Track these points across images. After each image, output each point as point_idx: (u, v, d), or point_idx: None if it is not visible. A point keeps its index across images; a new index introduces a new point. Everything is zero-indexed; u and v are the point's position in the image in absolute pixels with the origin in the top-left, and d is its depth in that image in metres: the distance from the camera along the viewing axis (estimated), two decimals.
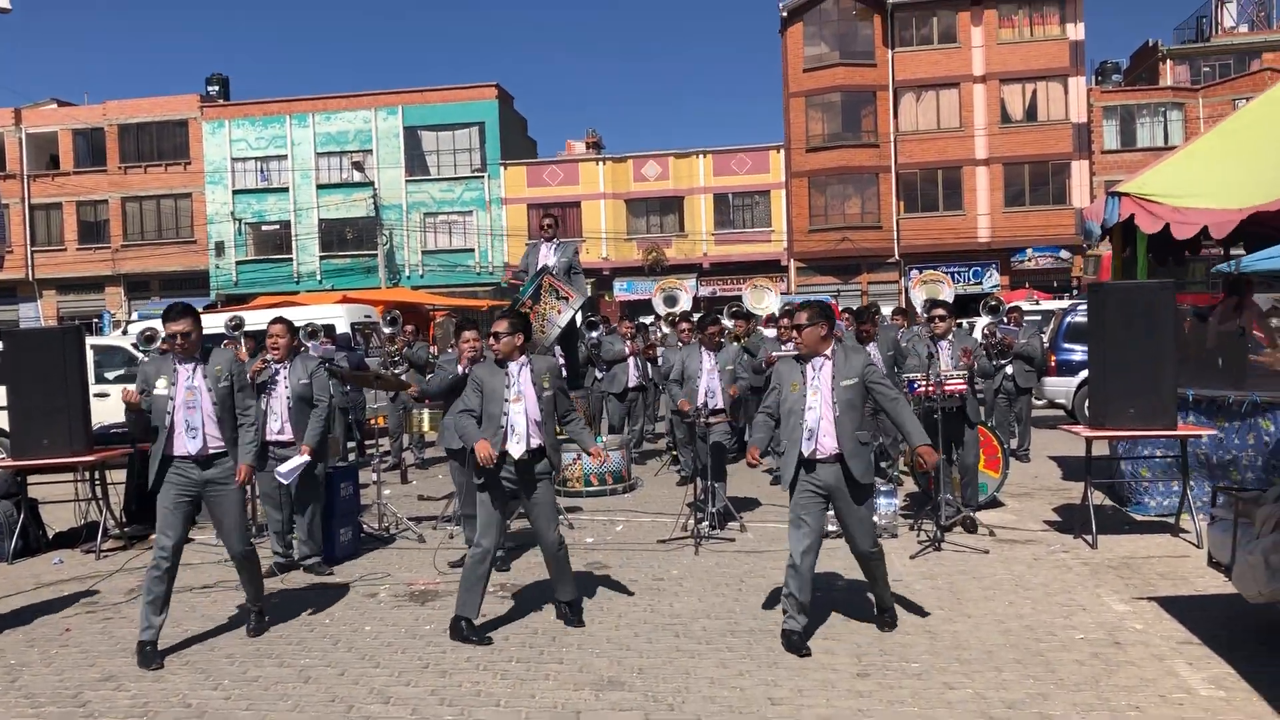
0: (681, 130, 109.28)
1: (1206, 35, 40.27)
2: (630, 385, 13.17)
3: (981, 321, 11.81)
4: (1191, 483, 8.14)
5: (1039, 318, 18.59)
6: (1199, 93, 36.21)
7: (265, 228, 39.98)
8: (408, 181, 38.91)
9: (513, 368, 6.03)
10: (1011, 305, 14.15)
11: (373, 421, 11.35)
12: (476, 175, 38.65)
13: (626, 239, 37.99)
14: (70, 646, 6.05)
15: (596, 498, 10.50)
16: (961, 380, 8.31)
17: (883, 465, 9.08)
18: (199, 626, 6.33)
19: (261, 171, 39.91)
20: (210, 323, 15.26)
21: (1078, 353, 14.81)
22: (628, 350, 13.10)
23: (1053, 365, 15.41)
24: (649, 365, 13.76)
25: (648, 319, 18.20)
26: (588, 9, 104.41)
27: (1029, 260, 35.55)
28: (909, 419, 5.73)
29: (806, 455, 5.64)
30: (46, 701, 5.12)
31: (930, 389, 8.12)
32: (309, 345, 11.55)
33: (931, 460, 5.64)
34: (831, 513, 5.80)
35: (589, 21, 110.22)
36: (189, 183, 39.99)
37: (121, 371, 14.82)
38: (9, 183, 40.14)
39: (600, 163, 38.65)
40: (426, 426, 9.92)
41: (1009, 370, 11.92)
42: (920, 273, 20.61)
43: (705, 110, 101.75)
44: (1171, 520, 8.32)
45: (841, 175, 35.93)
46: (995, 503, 9.35)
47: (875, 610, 5.99)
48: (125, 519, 9.31)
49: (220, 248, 39.68)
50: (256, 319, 17.10)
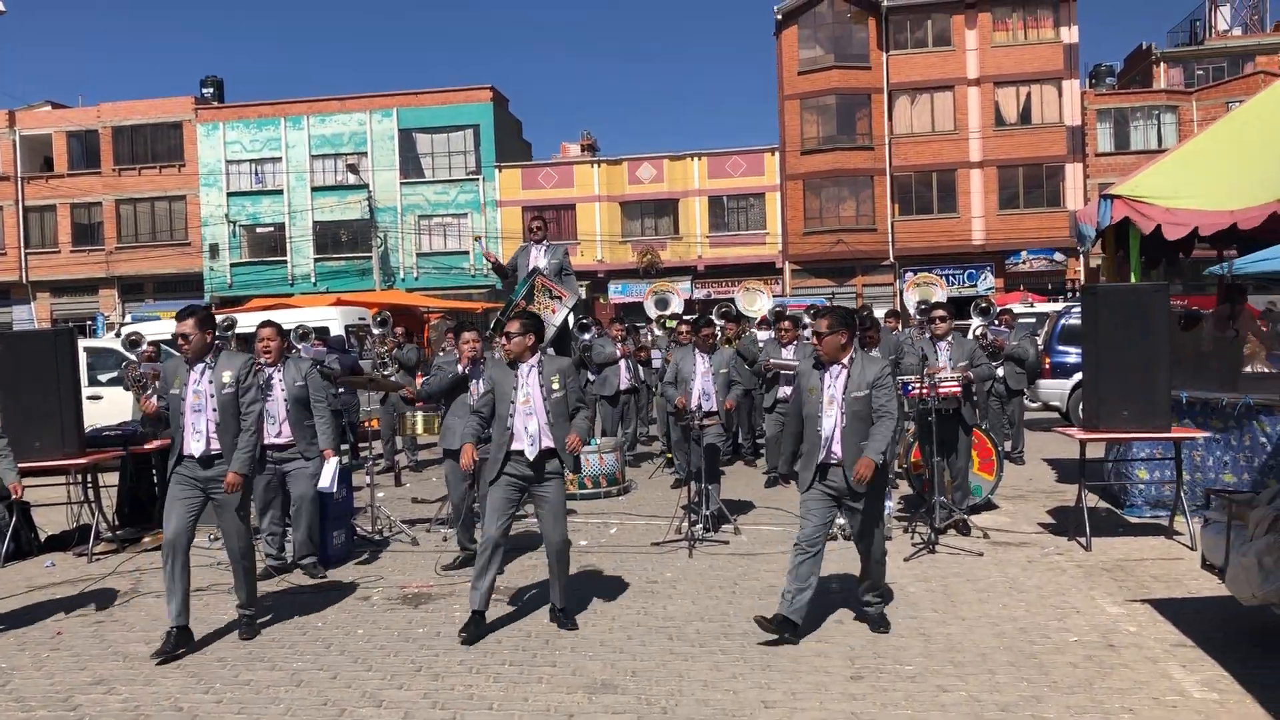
0: (676, 133, 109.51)
1: (1200, 38, 40.39)
2: (621, 388, 13.12)
3: (973, 324, 11.82)
4: (1185, 485, 8.15)
5: (1033, 320, 18.64)
6: (1193, 95, 36.32)
7: (260, 230, 39.92)
8: (402, 184, 38.88)
9: (523, 368, 6.11)
10: (1002, 308, 14.16)
11: (366, 424, 11.31)
12: (471, 178, 38.64)
13: (621, 241, 37.99)
14: (61, 650, 6.02)
15: (590, 500, 10.48)
16: (956, 383, 8.31)
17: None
18: (191, 630, 6.28)
19: (256, 174, 39.85)
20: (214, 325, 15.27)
21: (1072, 355, 14.80)
22: (619, 353, 13.06)
23: (1047, 367, 15.42)
24: (639, 367, 13.70)
25: (640, 325, 18.14)
26: (582, 10, 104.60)
27: (1023, 263, 35.62)
28: (881, 433, 5.67)
29: (821, 461, 5.81)
30: (37, 705, 5.10)
31: (925, 391, 8.12)
32: (300, 347, 11.53)
33: (865, 475, 5.58)
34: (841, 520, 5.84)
35: (584, 23, 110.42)
36: (183, 185, 39.93)
37: (114, 374, 14.76)
38: (2, 185, 40.11)
39: (595, 165, 38.66)
40: (420, 429, 9.89)
41: (1000, 372, 11.93)
42: (914, 275, 20.62)
43: (700, 113, 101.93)
44: (1165, 523, 8.34)
45: (836, 178, 35.98)
46: (989, 505, 9.36)
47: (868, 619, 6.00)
48: (117, 522, 9.29)
49: (214, 250, 39.62)
50: (250, 321, 17.10)
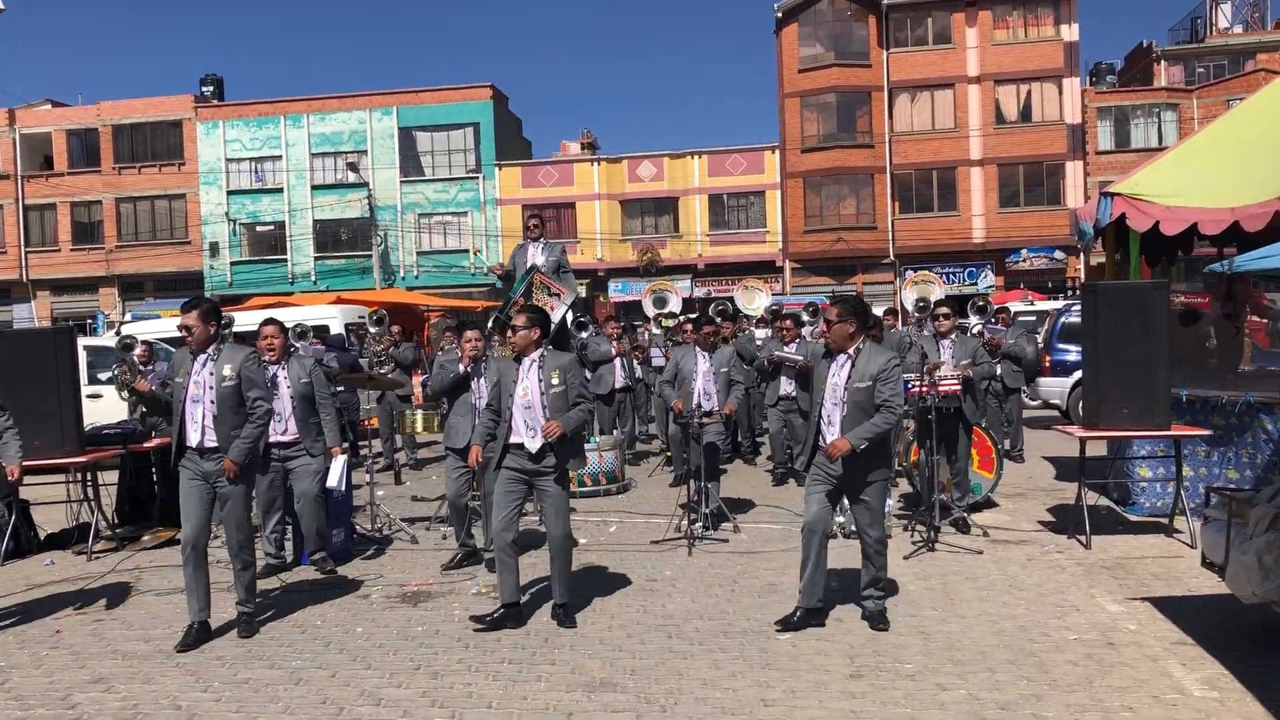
0: (676, 131, 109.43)
1: (1201, 36, 40.35)
2: (617, 386, 13.08)
3: (971, 322, 11.81)
4: (1185, 483, 8.15)
5: (1034, 318, 18.63)
6: (1193, 93, 36.28)
7: (260, 228, 39.90)
8: (402, 182, 38.85)
9: (525, 362, 6.17)
10: (999, 306, 14.16)
11: (366, 422, 11.31)
12: (471, 176, 38.61)
13: (621, 240, 37.96)
14: (60, 648, 6.02)
15: (590, 498, 10.48)
16: (956, 381, 8.30)
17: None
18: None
19: (256, 172, 39.82)
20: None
21: (1072, 353, 14.79)
22: (614, 351, 13.03)
23: (1047, 366, 15.41)
24: (635, 365, 13.64)
25: (638, 323, 18.12)
26: (582, 9, 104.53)
27: (1024, 261, 35.60)
28: (873, 427, 5.69)
29: (816, 445, 5.94)
30: (36, 704, 5.09)
31: (925, 389, 8.11)
32: (298, 345, 11.54)
33: (834, 453, 5.68)
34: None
35: (584, 21, 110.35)
36: (183, 183, 39.90)
37: (114, 372, 14.76)
38: (3, 184, 40.09)
39: (595, 163, 38.62)
40: (419, 427, 9.88)
41: (997, 370, 11.92)
42: (913, 273, 20.60)
43: (700, 111, 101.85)
44: (1165, 521, 8.33)
45: (836, 176, 35.95)
46: (989, 503, 9.35)
47: (864, 614, 6.01)
48: (117, 520, 9.29)
49: (215, 248, 39.61)
50: (250, 320, 17.09)
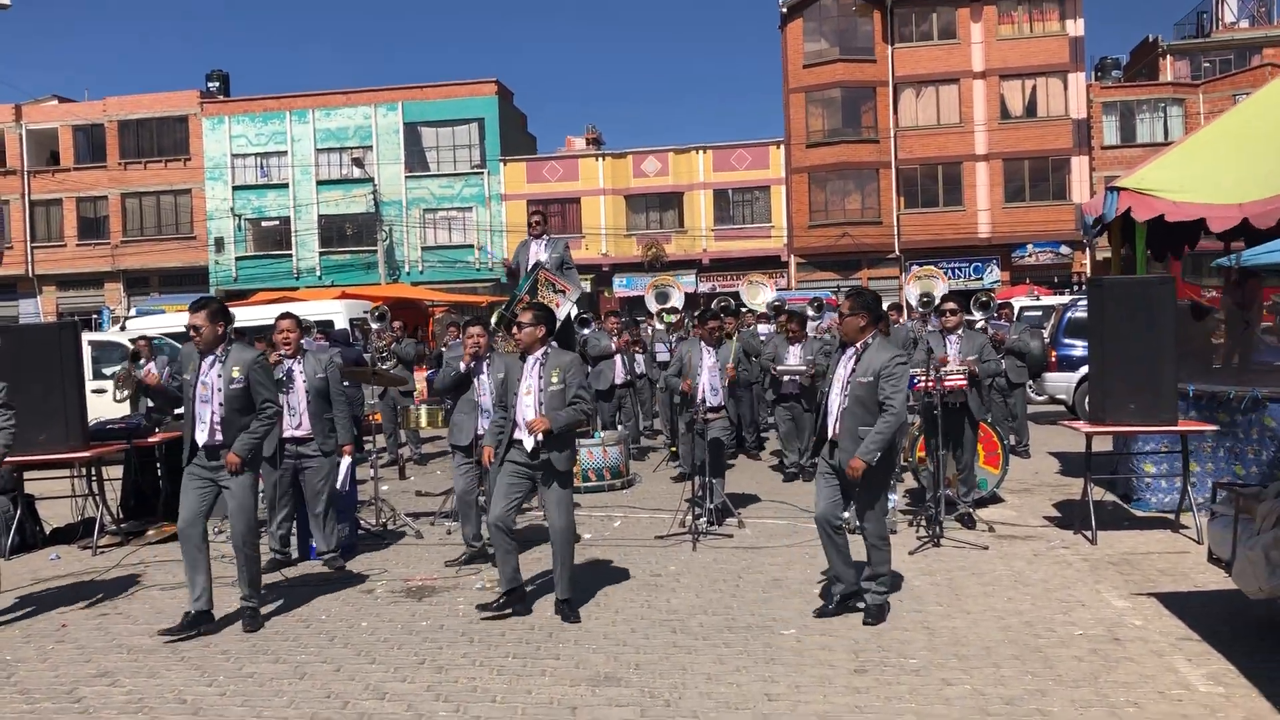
0: (681, 126, 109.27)
1: (1207, 31, 40.20)
2: (617, 382, 13.05)
3: (974, 318, 11.79)
4: (1192, 478, 8.12)
5: (1039, 313, 18.59)
6: (1199, 88, 36.15)
7: (265, 224, 39.93)
8: (407, 178, 38.85)
9: (529, 360, 6.22)
10: (1002, 302, 14.13)
11: (370, 417, 11.32)
12: (476, 171, 38.60)
13: (626, 235, 37.94)
14: (66, 642, 6.03)
15: (594, 493, 10.47)
16: (962, 377, 8.28)
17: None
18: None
19: (261, 167, 39.84)
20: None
21: (1078, 348, 14.75)
22: (614, 346, 12.99)
23: (1053, 361, 15.37)
24: (634, 360, 13.56)
25: (641, 318, 18.06)
26: (587, 4, 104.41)
27: (1029, 256, 35.53)
28: (880, 433, 5.68)
29: (822, 436, 6.00)
30: (42, 697, 5.11)
31: (930, 384, 8.09)
32: (302, 342, 11.51)
33: (854, 475, 5.71)
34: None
35: (588, 17, 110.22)
36: (189, 179, 39.93)
37: (118, 368, 14.78)
38: (9, 179, 40.15)
39: (600, 159, 38.58)
40: (423, 422, 9.89)
41: (1001, 364, 11.89)
42: (917, 268, 20.55)
43: (705, 106, 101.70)
44: (1172, 516, 8.31)
45: (842, 171, 35.89)
46: (995, 498, 9.34)
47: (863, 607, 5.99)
48: (122, 515, 9.31)
49: (220, 244, 39.64)
50: (254, 315, 17.10)
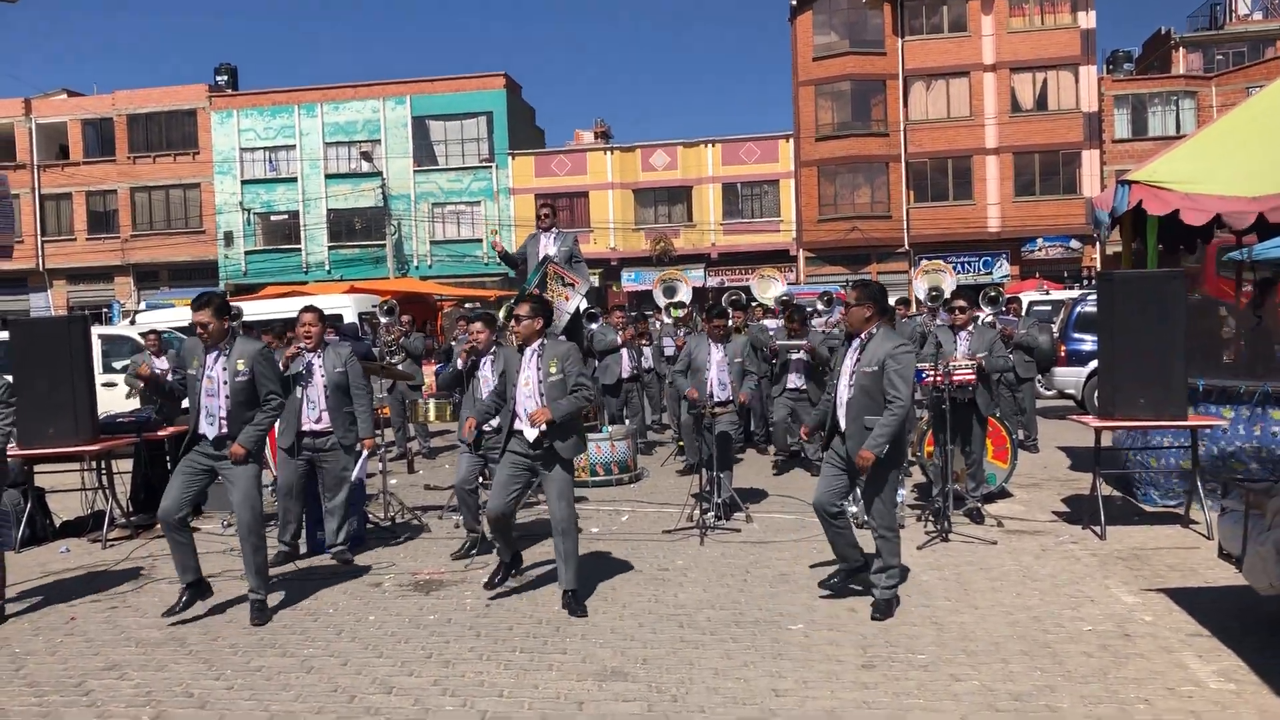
0: (690, 120, 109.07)
1: (1220, 23, 39.98)
2: (624, 376, 13.04)
3: (983, 313, 11.74)
4: (1201, 473, 8.07)
5: (1049, 308, 18.51)
6: (1212, 81, 35.94)
7: (274, 218, 40.00)
8: (416, 171, 38.87)
9: (527, 352, 6.28)
10: (1010, 296, 14.08)
11: (379, 411, 11.31)
12: (484, 165, 38.59)
13: (634, 229, 37.90)
14: (75, 635, 6.05)
15: (602, 488, 10.48)
16: (970, 371, 8.25)
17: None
18: (202, 616, 6.31)
19: (270, 161, 39.92)
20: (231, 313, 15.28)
21: (1088, 342, 14.69)
22: (620, 340, 12.96)
23: (1062, 355, 15.32)
24: (642, 354, 13.51)
25: (649, 312, 18.03)
26: None
27: (1039, 250, 35.39)
28: (886, 425, 5.70)
29: (830, 427, 6.08)
30: (50, 690, 5.12)
31: (939, 379, 8.06)
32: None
33: (863, 466, 5.74)
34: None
35: (598, 10, 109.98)
36: (197, 173, 40.02)
37: (129, 361, 14.83)
38: (19, 173, 40.22)
39: (608, 152, 38.54)
40: (432, 416, 9.89)
41: (1010, 360, 11.85)
42: (925, 262, 20.46)
43: (714, 100, 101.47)
44: (1181, 511, 8.27)
45: (851, 164, 35.79)
46: (1003, 493, 9.30)
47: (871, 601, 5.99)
48: (131, 508, 9.34)
49: (229, 238, 39.73)
50: (262, 309, 17.16)
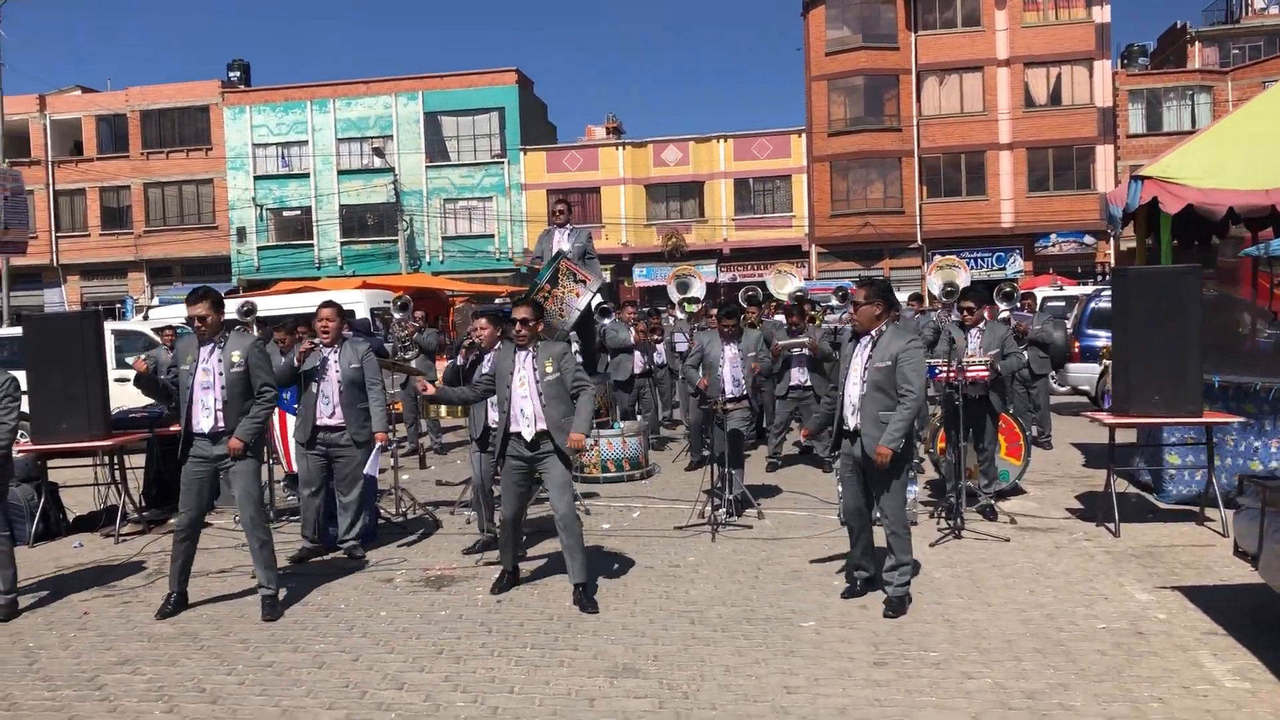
0: (702, 115, 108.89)
1: (1236, 17, 39.71)
2: (636, 372, 13.01)
3: (999, 309, 11.68)
4: (1217, 471, 8.01)
5: (1063, 304, 18.41)
6: (1228, 75, 35.70)
7: (286, 213, 40.11)
8: (428, 167, 38.91)
9: (521, 354, 6.33)
10: (1024, 292, 14.00)
11: (392, 407, 11.33)
12: (496, 161, 38.60)
13: (646, 225, 37.87)
14: (88, 630, 6.07)
15: (613, 484, 10.47)
16: (984, 368, 8.20)
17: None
18: (214, 611, 6.34)
19: (282, 157, 40.01)
20: (227, 308, 15.33)
21: (1102, 339, 14.61)
22: (632, 337, 12.92)
23: (1076, 351, 15.24)
24: (652, 351, 13.47)
25: (662, 308, 17.98)
26: None
27: (1053, 246, 35.22)
28: (901, 419, 5.75)
29: (844, 428, 6.06)
30: (63, 684, 5.14)
31: (952, 375, 8.02)
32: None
33: (882, 462, 5.76)
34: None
35: (610, 5, 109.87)
36: (210, 168, 40.16)
37: (141, 356, 14.86)
38: (34, 169, 40.35)
39: (620, 148, 38.50)
40: (444, 411, 9.91)
41: (1024, 357, 11.79)
42: (939, 257, 20.38)
43: (726, 95, 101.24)
44: (1196, 509, 8.21)
45: (864, 159, 35.68)
46: (1017, 490, 9.26)
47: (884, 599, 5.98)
48: (144, 503, 9.37)
49: (242, 233, 39.86)
50: (276, 304, 17.20)
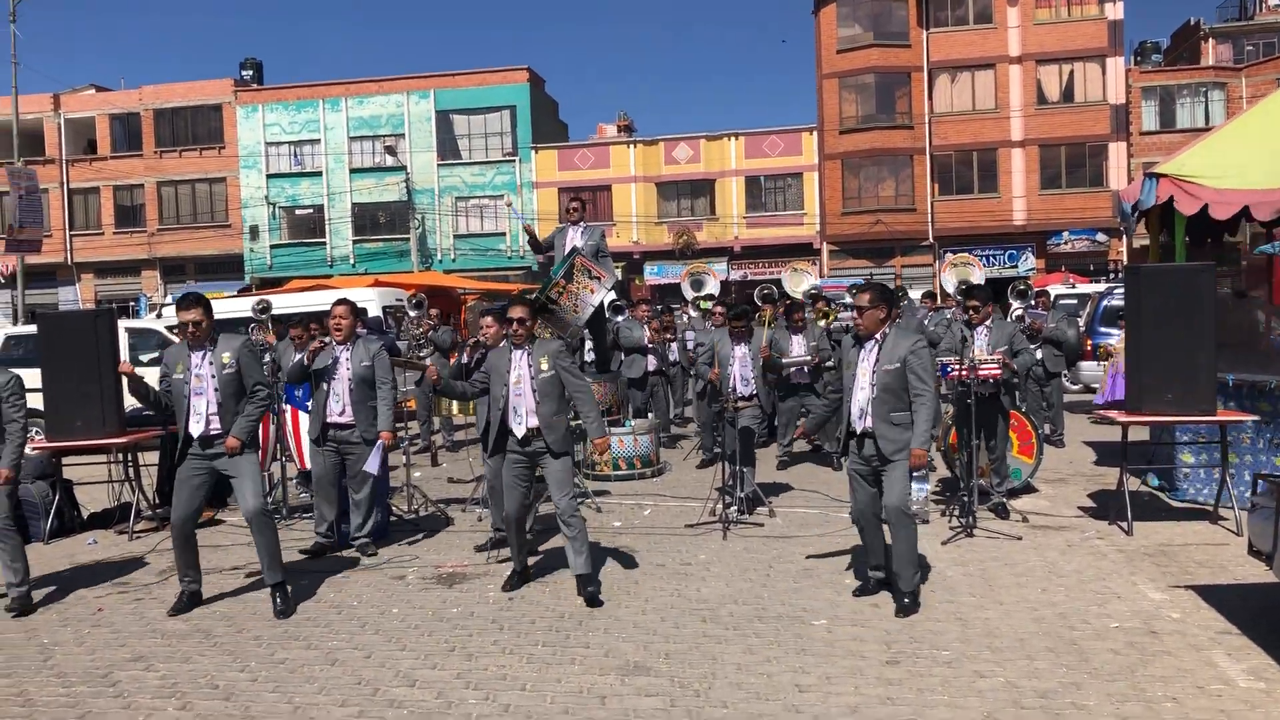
0: (713, 113, 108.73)
1: (1250, 13, 39.49)
2: (650, 370, 13.01)
3: (1012, 306, 11.65)
4: (1231, 469, 7.98)
5: (1074, 302, 18.36)
6: (1242, 72, 35.47)
7: (299, 212, 40.23)
8: (440, 165, 38.97)
9: (516, 352, 6.39)
10: (1039, 290, 13.93)
11: (403, 404, 11.34)
12: (508, 159, 38.64)
13: (657, 222, 37.85)
14: (102, 626, 6.10)
15: (624, 481, 10.47)
16: (996, 366, 8.18)
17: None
18: (226, 608, 6.37)
19: (295, 156, 40.11)
20: (239, 306, 15.39)
21: (1114, 337, 14.57)
22: (646, 335, 12.91)
23: (1088, 350, 15.18)
24: (666, 348, 13.45)
25: (675, 306, 17.97)
26: None
27: (1065, 243, 35.09)
28: (924, 419, 5.84)
29: (851, 430, 6.09)
30: (78, 681, 5.17)
31: (964, 373, 8.00)
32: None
33: (919, 464, 5.86)
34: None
35: (621, 3, 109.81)
36: (223, 167, 40.30)
37: (155, 354, 14.94)
38: (48, 167, 40.59)
39: (631, 145, 38.50)
40: (455, 409, 9.93)
41: (1038, 355, 11.75)
42: (952, 255, 20.33)
43: (737, 93, 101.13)
44: (1210, 507, 8.18)
45: (875, 157, 35.59)
46: (1029, 488, 9.23)
47: (893, 596, 5.99)
48: (158, 500, 9.41)
49: (254, 231, 39.99)
50: (288, 302, 17.23)
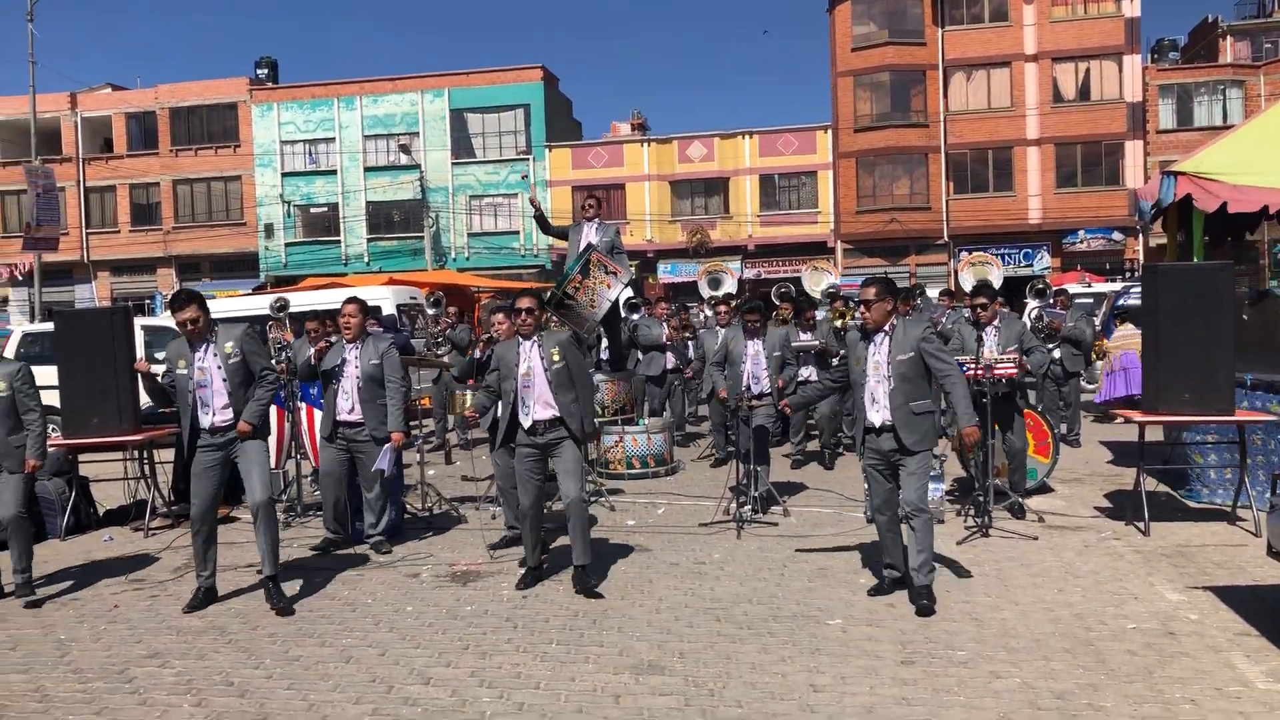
0: (727, 111, 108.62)
1: (1268, 10, 39.23)
2: (668, 367, 13.01)
3: (1029, 305, 11.60)
4: (1249, 469, 7.92)
5: (1090, 300, 18.27)
6: (1260, 70, 35.21)
7: (313, 210, 40.33)
8: (454, 164, 39.02)
9: (525, 344, 6.48)
10: (1058, 289, 13.86)
11: (418, 402, 11.38)
12: (522, 157, 38.65)
13: (671, 221, 37.81)
14: (118, 623, 6.13)
15: (638, 480, 10.46)
16: (1010, 365, 8.14)
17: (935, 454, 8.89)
18: (241, 605, 6.39)
19: (310, 154, 40.24)
20: (256, 304, 15.46)
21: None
22: (665, 333, 12.91)
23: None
24: (684, 346, 13.45)
25: (690, 304, 17.96)
26: None
27: (1081, 242, 34.90)
28: (961, 397, 5.92)
29: (868, 424, 6.06)
30: (94, 677, 5.20)
31: (979, 372, 7.96)
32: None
33: (973, 441, 5.97)
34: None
35: (634, 1, 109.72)
36: (238, 165, 40.45)
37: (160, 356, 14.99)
38: (65, 166, 40.81)
39: (645, 144, 38.46)
40: (470, 407, 9.92)
41: (1056, 354, 11.70)
42: (969, 254, 20.25)
43: (751, 91, 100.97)
44: (1228, 508, 8.12)
45: (890, 156, 35.47)
46: (1045, 488, 9.19)
47: (909, 593, 5.98)
48: (173, 497, 9.45)
49: (269, 230, 40.13)
50: (304, 300, 17.29)
